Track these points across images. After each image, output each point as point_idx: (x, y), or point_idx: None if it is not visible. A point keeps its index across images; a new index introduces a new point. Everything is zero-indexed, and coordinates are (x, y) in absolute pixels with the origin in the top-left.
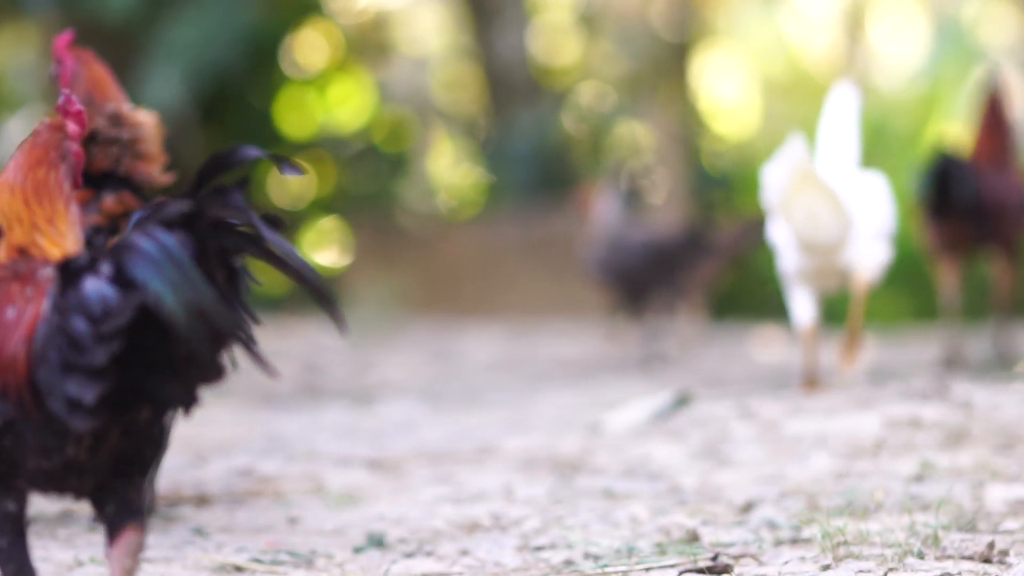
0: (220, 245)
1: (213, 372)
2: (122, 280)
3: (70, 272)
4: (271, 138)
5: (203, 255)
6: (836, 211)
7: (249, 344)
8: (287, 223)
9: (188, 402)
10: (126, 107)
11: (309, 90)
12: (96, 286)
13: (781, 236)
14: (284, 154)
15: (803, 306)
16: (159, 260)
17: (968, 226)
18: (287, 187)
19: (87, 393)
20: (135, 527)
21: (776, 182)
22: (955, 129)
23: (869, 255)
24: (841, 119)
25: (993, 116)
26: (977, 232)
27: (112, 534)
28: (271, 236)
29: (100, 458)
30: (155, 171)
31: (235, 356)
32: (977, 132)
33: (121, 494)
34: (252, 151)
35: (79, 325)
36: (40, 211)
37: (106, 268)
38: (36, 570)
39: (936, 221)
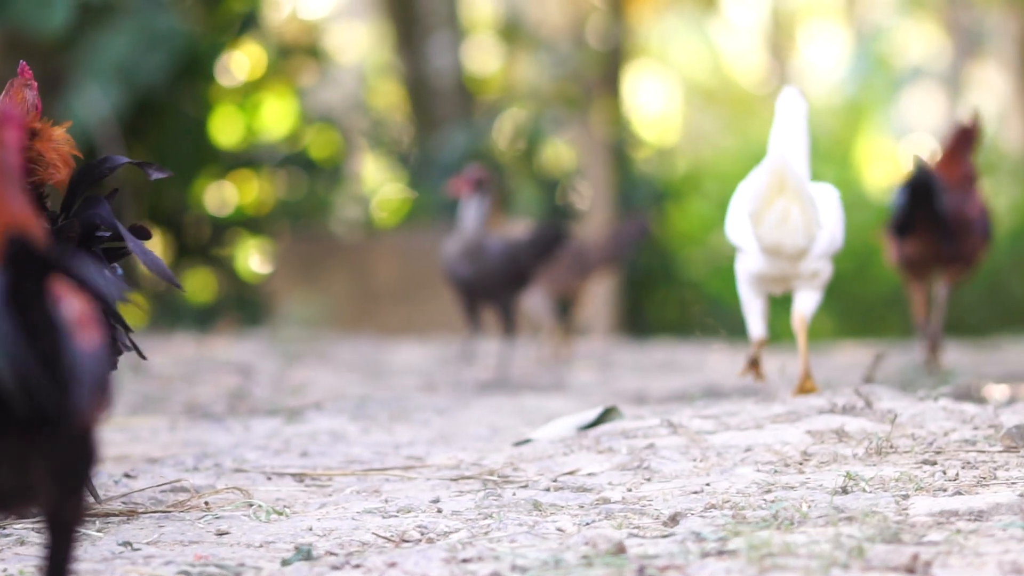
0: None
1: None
2: None
3: None
4: (206, 149)
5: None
6: (808, 218)
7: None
8: (148, 232)
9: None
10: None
11: (244, 101)
12: None
13: (745, 240)
14: (220, 165)
15: (756, 320)
16: None
17: (937, 243)
18: (222, 198)
19: None
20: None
21: (753, 187)
22: (879, 137)
23: (813, 289)
24: (788, 127)
25: (963, 142)
26: (942, 250)
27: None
28: (133, 243)
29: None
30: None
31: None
32: (946, 156)
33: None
34: (119, 159)
35: None
36: None
37: None
38: None
39: (908, 236)
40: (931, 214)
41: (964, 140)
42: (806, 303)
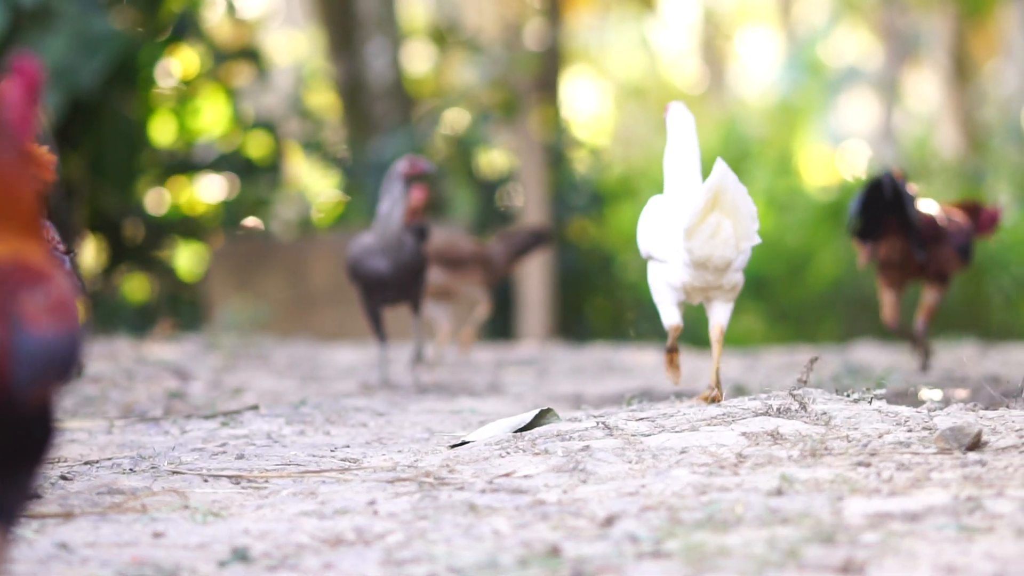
0: None
1: None
2: None
3: None
4: (143, 152)
5: None
6: (740, 231)
7: None
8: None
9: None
10: None
11: (181, 104)
12: None
13: (669, 252)
14: (156, 167)
15: (671, 310)
16: None
17: (906, 250)
18: (159, 201)
19: None
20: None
21: (691, 203)
22: (814, 141)
23: (728, 301)
24: (680, 141)
25: (976, 208)
26: (912, 258)
27: None
28: None
29: None
30: None
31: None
32: (958, 204)
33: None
34: None
35: None
36: None
37: None
38: None
39: (878, 240)
40: (901, 220)
41: (975, 213)
42: (722, 314)
